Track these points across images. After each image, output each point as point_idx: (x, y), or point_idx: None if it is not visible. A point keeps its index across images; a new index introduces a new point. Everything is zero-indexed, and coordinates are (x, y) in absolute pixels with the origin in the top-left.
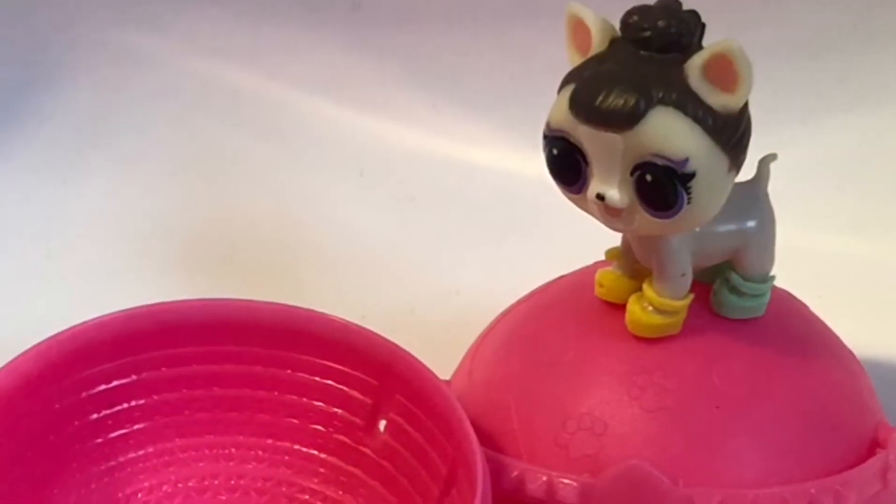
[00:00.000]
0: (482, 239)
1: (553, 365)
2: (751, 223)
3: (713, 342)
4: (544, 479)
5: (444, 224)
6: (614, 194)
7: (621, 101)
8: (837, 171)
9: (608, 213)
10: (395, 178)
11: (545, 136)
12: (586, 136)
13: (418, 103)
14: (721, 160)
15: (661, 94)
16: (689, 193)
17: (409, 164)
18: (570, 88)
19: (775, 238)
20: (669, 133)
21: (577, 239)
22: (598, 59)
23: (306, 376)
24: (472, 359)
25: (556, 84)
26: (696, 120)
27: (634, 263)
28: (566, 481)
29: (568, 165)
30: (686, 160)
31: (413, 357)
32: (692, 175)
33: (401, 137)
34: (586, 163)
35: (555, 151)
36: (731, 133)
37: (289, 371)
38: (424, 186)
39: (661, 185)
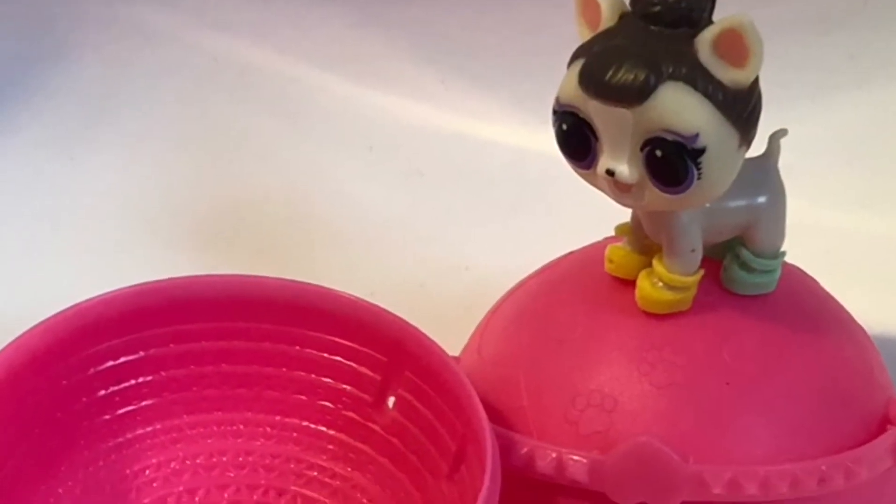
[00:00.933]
0: (491, 214)
1: (562, 341)
2: (761, 199)
3: (723, 318)
4: (554, 455)
5: (454, 199)
6: (624, 170)
7: (631, 76)
8: (847, 146)
9: (618, 188)
10: (404, 154)
11: (554, 112)
12: (596, 112)
13: (427, 78)
14: (731, 135)
15: (671, 69)
16: (699, 169)
17: (418, 140)
18: (579, 63)
19: (786, 214)
20: (679, 108)
21: (587, 214)
22: (607, 34)
23: (315, 352)
24: (481, 335)
25: (565, 59)
26: (707, 95)
27: (644, 239)
28: (576, 458)
29: (578, 141)
30: (696, 135)
31: (422, 333)
32: (702, 150)
33: (410, 113)
34: (596, 138)
35: (564, 127)
36: (741, 108)
37: (297, 347)
38: (433, 162)
39: (671, 161)
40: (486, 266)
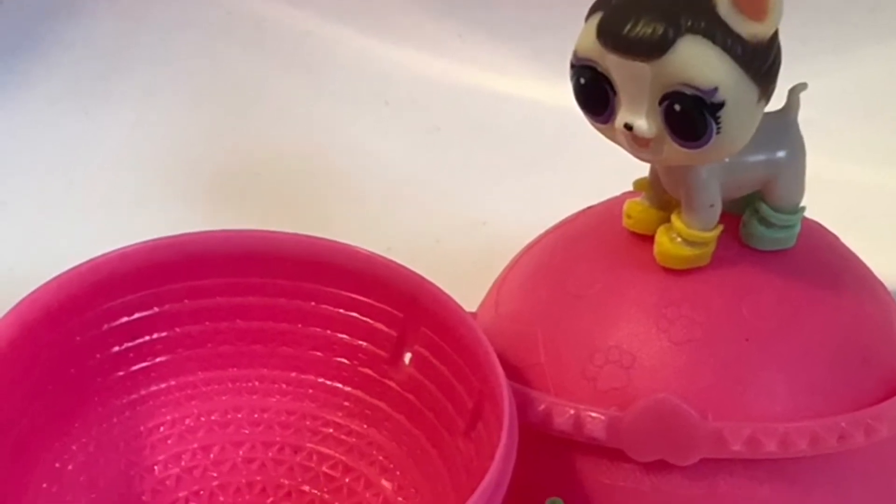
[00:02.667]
0: (508, 169)
1: (580, 297)
2: (780, 153)
3: (743, 274)
4: (572, 412)
5: (470, 154)
6: (642, 124)
7: (649, 30)
8: (868, 101)
9: (636, 143)
10: (421, 109)
11: (572, 66)
12: (614, 65)
13: (444, 32)
14: (750, 90)
15: (689, 23)
16: (718, 123)
17: (435, 94)
18: (597, 17)
19: (805, 168)
20: (698, 62)
21: (605, 169)
22: None
23: (330, 308)
24: (498, 291)
25: (583, 12)
26: (725, 49)
27: (663, 194)
28: (594, 415)
29: (596, 95)
30: (715, 89)
31: (439, 288)
32: (721, 104)
33: (427, 67)
34: (614, 92)
35: (582, 81)
36: (760, 62)
37: (313, 303)
38: (450, 117)
39: (689, 115)
40: (503, 221)
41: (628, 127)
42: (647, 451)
